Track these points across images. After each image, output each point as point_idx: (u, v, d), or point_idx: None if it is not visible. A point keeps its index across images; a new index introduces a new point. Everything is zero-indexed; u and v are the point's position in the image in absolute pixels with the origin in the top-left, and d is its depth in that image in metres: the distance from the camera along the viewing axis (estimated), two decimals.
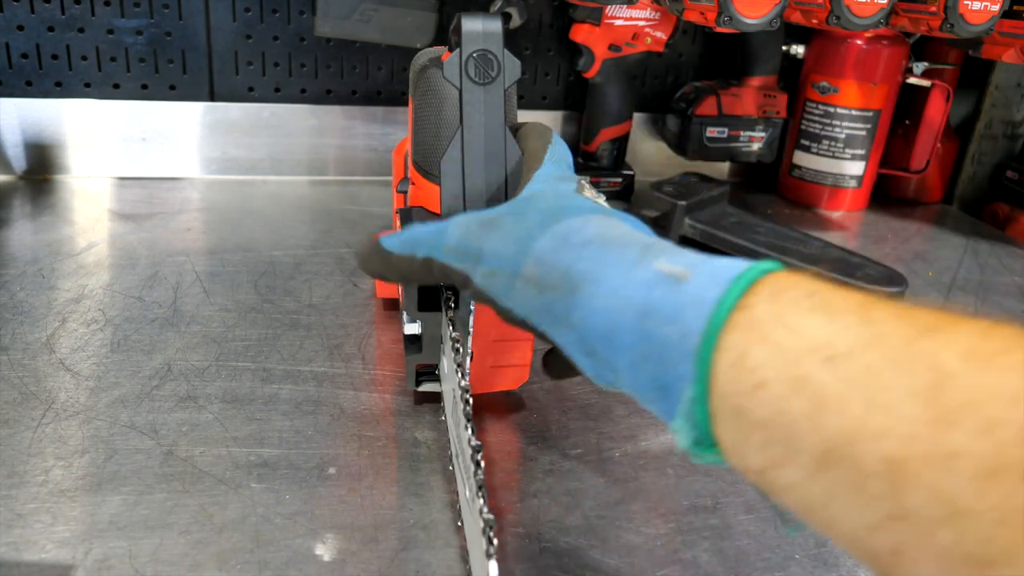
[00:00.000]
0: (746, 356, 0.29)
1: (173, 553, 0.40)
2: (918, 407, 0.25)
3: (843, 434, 0.26)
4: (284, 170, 0.96)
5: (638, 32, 0.90)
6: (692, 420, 0.30)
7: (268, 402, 0.53)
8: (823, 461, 0.27)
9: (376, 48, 0.94)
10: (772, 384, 0.28)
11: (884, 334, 0.27)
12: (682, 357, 0.30)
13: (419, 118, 0.50)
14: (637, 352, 0.32)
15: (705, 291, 0.30)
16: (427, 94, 0.49)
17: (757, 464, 0.29)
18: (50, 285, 0.66)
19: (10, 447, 0.47)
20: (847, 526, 0.27)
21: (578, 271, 0.35)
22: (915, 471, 0.25)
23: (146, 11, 0.88)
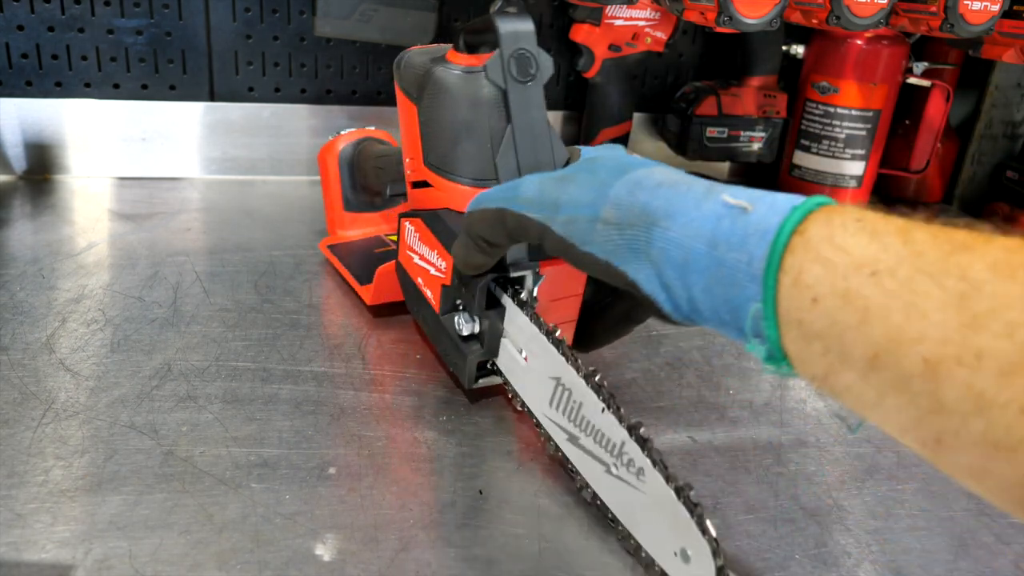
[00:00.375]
0: (803, 274, 0.33)
1: (173, 553, 0.40)
2: (950, 314, 0.29)
3: (887, 340, 0.30)
4: (284, 170, 0.96)
5: (638, 32, 0.90)
6: (762, 336, 0.34)
7: (268, 402, 0.53)
8: (872, 364, 0.31)
9: (376, 48, 0.94)
10: (825, 298, 0.32)
11: (922, 251, 0.31)
12: (750, 279, 0.34)
13: (432, 120, 0.50)
14: (709, 277, 0.36)
15: (767, 220, 0.34)
16: (445, 95, 0.49)
17: (819, 371, 0.33)
18: (50, 285, 0.66)
19: (10, 447, 0.47)
20: (897, 420, 0.31)
21: (654, 208, 0.38)
22: (948, 370, 0.29)
23: (146, 11, 0.88)
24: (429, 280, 0.52)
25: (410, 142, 0.53)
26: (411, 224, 0.54)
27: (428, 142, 0.51)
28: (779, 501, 0.47)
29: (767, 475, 0.50)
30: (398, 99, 0.55)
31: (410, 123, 0.53)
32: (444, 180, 0.51)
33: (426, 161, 0.52)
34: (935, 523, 0.47)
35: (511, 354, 0.49)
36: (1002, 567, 0.44)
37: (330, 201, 0.74)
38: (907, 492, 0.49)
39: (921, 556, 0.44)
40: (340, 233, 0.74)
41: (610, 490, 0.43)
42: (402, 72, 0.53)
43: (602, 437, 0.42)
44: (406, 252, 0.55)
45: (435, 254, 0.51)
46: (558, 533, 0.43)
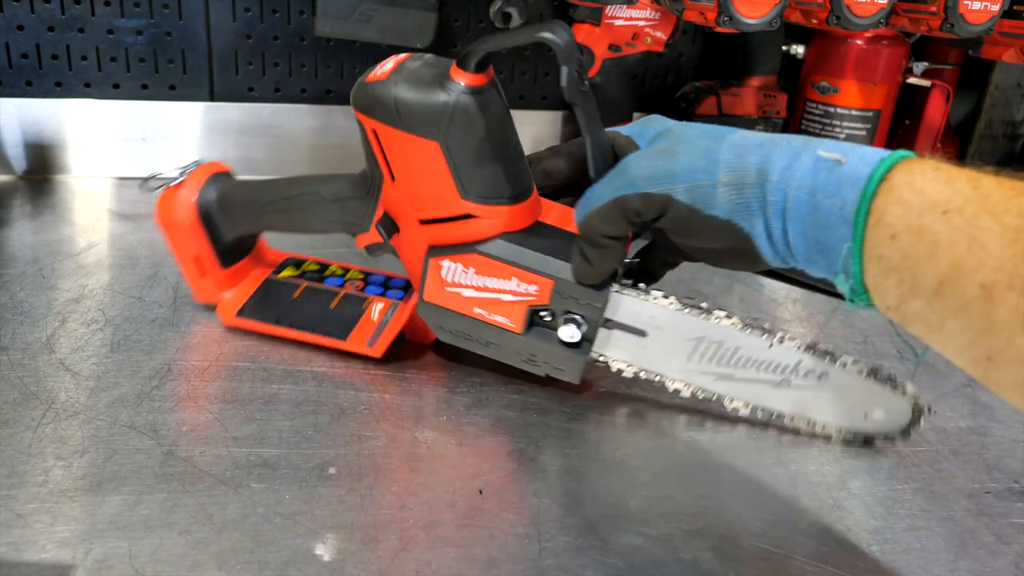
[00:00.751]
0: (885, 215, 0.38)
1: (173, 553, 0.40)
2: (1006, 245, 0.34)
3: (951, 269, 0.36)
4: (284, 170, 0.96)
5: (638, 32, 0.90)
6: (848, 271, 0.40)
7: (268, 402, 0.53)
8: (937, 292, 0.37)
9: (376, 48, 0.94)
10: (902, 235, 0.38)
11: (988, 194, 0.36)
12: (841, 222, 0.40)
13: (469, 151, 0.48)
14: (806, 222, 0.42)
15: (858, 170, 0.40)
16: (478, 123, 0.48)
17: (893, 301, 0.39)
18: (50, 285, 0.66)
19: (10, 447, 0.47)
20: (955, 342, 0.37)
21: (762, 167, 0.43)
22: (1001, 294, 0.34)
23: (146, 11, 0.88)
24: (501, 307, 0.51)
25: (430, 180, 0.50)
26: (457, 261, 0.51)
27: (466, 175, 0.49)
28: (779, 501, 0.47)
29: (767, 475, 0.50)
30: (397, 141, 0.50)
31: (429, 162, 0.49)
32: (492, 207, 0.50)
33: (466, 195, 0.49)
34: (935, 523, 0.47)
35: (619, 339, 0.52)
36: (1002, 567, 0.44)
37: (198, 265, 0.60)
38: (907, 492, 0.49)
39: (921, 556, 0.44)
40: (225, 296, 0.61)
41: (780, 399, 0.52)
42: (404, 114, 0.48)
43: (769, 365, 0.51)
44: (444, 290, 0.52)
45: (512, 281, 0.50)
46: (558, 533, 0.43)
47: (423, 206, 0.51)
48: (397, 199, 0.53)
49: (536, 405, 0.54)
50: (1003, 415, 0.58)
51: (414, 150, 0.49)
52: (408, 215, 0.53)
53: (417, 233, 0.53)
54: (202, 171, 0.59)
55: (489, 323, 0.52)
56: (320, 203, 0.57)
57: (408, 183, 0.51)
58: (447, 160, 0.48)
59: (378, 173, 0.53)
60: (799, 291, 0.76)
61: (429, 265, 0.52)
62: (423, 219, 0.52)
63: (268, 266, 0.64)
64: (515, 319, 0.52)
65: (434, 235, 0.52)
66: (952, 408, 0.58)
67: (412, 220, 0.53)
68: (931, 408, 0.51)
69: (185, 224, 0.58)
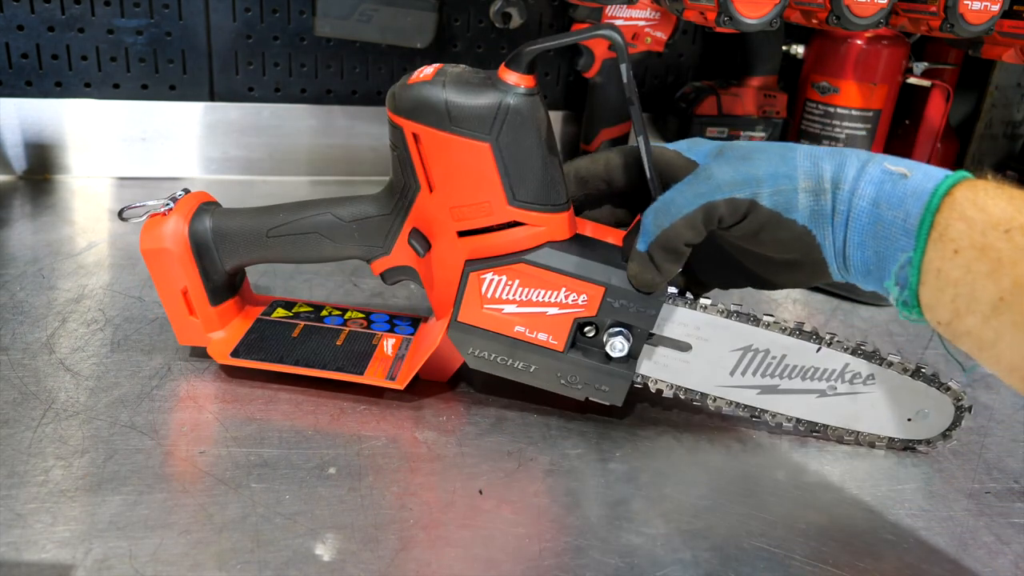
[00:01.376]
0: (948, 229, 0.40)
1: (173, 553, 0.40)
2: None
3: (1012, 285, 0.37)
4: (284, 170, 0.96)
5: (638, 32, 0.90)
6: (904, 283, 0.41)
7: (268, 402, 0.53)
8: (996, 308, 0.38)
9: (376, 48, 0.94)
10: (965, 250, 0.39)
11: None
12: (903, 233, 0.41)
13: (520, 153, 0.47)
14: (866, 233, 0.43)
15: (923, 184, 0.42)
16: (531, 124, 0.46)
17: (946, 316, 0.40)
18: (50, 285, 0.66)
19: (10, 447, 0.47)
20: (1009, 358, 0.38)
21: (833, 176, 0.44)
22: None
23: (146, 11, 0.88)
24: (545, 322, 0.50)
25: (477, 185, 0.48)
26: (501, 273, 0.49)
27: (516, 178, 0.47)
28: (779, 501, 0.47)
29: (767, 475, 0.50)
30: (442, 144, 0.47)
31: (478, 165, 0.47)
32: (540, 214, 0.48)
33: (514, 200, 0.48)
34: (935, 523, 0.47)
35: (661, 356, 0.51)
36: (1002, 567, 0.44)
37: (186, 302, 0.55)
38: (907, 492, 0.49)
39: (921, 556, 0.44)
40: (214, 336, 0.56)
41: (824, 409, 0.52)
42: (454, 113, 0.46)
43: (815, 371, 0.51)
44: (482, 308, 0.50)
45: (560, 292, 0.49)
46: (558, 533, 0.43)
47: (465, 215, 0.49)
48: (433, 211, 0.50)
49: (536, 405, 0.54)
50: (1003, 415, 0.58)
51: (461, 153, 0.47)
52: (444, 228, 0.50)
53: (452, 248, 0.50)
54: (192, 199, 0.55)
55: (530, 342, 0.50)
56: (335, 226, 0.53)
57: (449, 191, 0.49)
58: (497, 162, 0.47)
59: (412, 184, 0.50)
60: (798, 292, 0.76)
61: (468, 281, 0.49)
62: (463, 230, 0.49)
63: (254, 308, 0.60)
64: (559, 335, 0.50)
65: (473, 247, 0.49)
66: None
67: (448, 234, 0.50)
68: (971, 408, 0.51)
69: (175, 254, 0.53)
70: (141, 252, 0.54)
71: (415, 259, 0.53)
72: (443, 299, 0.52)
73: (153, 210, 0.54)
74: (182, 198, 0.55)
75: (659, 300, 0.48)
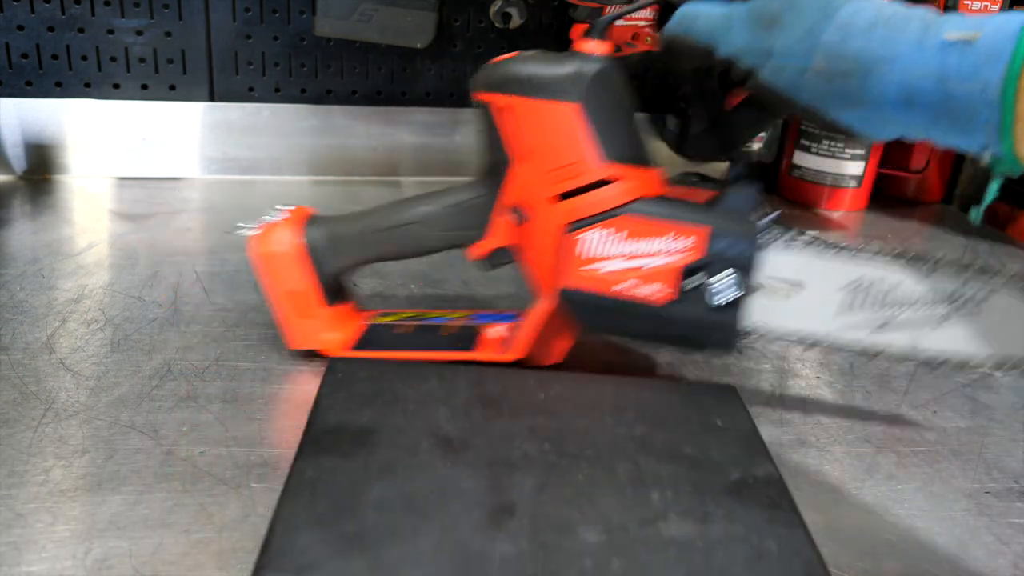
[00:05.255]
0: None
1: (173, 553, 0.40)
2: None
3: None
4: (284, 170, 0.96)
5: (638, 32, 0.90)
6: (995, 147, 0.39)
7: (268, 402, 0.53)
8: None
9: (376, 48, 0.94)
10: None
11: None
12: (984, 105, 0.38)
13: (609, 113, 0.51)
14: (937, 110, 0.40)
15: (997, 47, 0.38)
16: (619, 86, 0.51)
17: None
18: (50, 285, 0.66)
19: (10, 447, 0.47)
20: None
21: (870, 55, 0.41)
22: None
23: (146, 11, 0.88)
24: (648, 275, 0.49)
25: (568, 146, 0.50)
26: (606, 227, 0.49)
27: (606, 136, 0.50)
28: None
29: None
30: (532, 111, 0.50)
31: (569, 126, 0.50)
32: (633, 168, 0.51)
33: (605, 157, 0.50)
34: (935, 523, 0.47)
35: (768, 301, 0.50)
36: (1002, 567, 0.44)
37: (299, 304, 0.56)
38: (907, 492, 0.49)
39: (921, 556, 0.44)
40: (327, 337, 0.57)
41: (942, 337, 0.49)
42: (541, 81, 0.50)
43: (927, 299, 0.48)
44: (582, 270, 0.50)
45: (666, 238, 0.49)
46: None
47: (560, 178, 0.50)
48: (526, 181, 0.52)
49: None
50: (1003, 415, 0.58)
51: (552, 116, 0.50)
52: (538, 197, 0.51)
53: (549, 215, 0.51)
54: (301, 211, 0.58)
55: (633, 298, 0.50)
56: (433, 215, 0.55)
57: (543, 156, 0.51)
58: (588, 121, 0.49)
59: (502, 159, 0.52)
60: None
61: (568, 243, 0.50)
62: (561, 193, 0.51)
63: (363, 313, 0.61)
64: (668, 284, 0.49)
65: (569, 210, 0.50)
66: (952, 408, 0.58)
67: (542, 202, 0.51)
68: None
69: (290, 257, 0.55)
70: (254, 258, 0.56)
71: (512, 237, 0.54)
72: (543, 271, 0.53)
73: (265, 221, 0.57)
74: (293, 209, 0.58)
75: (764, 235, 0.49)
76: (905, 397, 0.59)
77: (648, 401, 0.48)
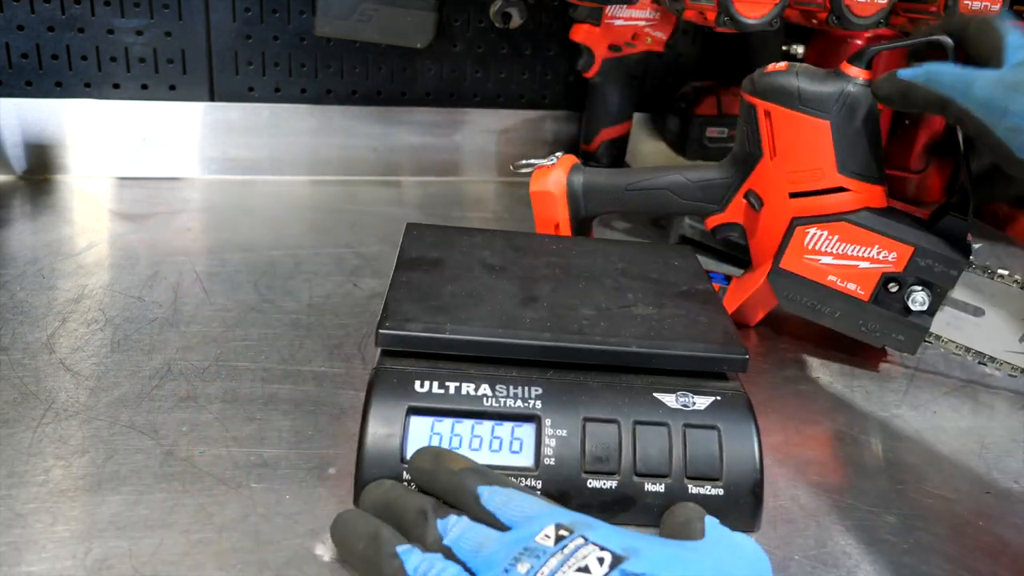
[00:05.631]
0: None
1: (173, 553, 0.40)
2: None
3: None
4: (284, 170, 0.96)
5: (638, 32, 0.90)
6: None
7: (268, 402, 0.53)
8: None
9: (376, 48, 0.94)
10: None
11: None
12: None
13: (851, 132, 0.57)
14: None
15: None
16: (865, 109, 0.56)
17: None
18: (50, 285, 0.66)
19: (10, 447, 0.47)
20: None
21: None
22: None
23: (146, 11, 0.88)
24: (856, 274, 0.58)
25: (812, 154, 0.58)
26: (824, 229, 0.58)
27: (846, 151, 0.57)
28: (779, 501, 0.47)
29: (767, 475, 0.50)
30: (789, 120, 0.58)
31: (816, 138, 0.57)
32: (862, 183, 0.57)
33: (843, 169, 0.57)
34: (935, 523, 0.47)
35: (953, 317, 0.58)
36: (1002, 567, 0.44)
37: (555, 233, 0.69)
38: (907, 492, 0.49)
39: (921, 556, 0.44)
40: None
41: None
42: (803, 96, 0.57)
43: None
44: (803, 258, 0.59)
45: (873, 249, 0.57)
46: None
47: (799, 179, 0.59)
48: (772, 175, 0.60)
49: None
50: (1003, 415, 0.58)
51: (805, 127, 0.57)
52: (777, 189, 0.60)
53: (783, 206, 0.60)
54: (569, 158, 0.69)
55: (839, 290, 0.59)
56: (683, 186, 0.65)
57: (789, 158, 0.59)
58: (833, 137, 0.57)
59: (756, 153, 0.60)
60: None
61: (795, 233, 0.59)
62: (795, 191, 0.59)
63: None
64: (866, 286, 0.58)
65: (801, 207, 0.59)
66: (952, 408, 0.58)
67: (780, 194, 0.59)
68: None
69: (555, 197, 0.67)
70: (530, 193, 0.68)
71: (745, 216, 0.63)
72: (765, 250, 0.62)
73: (540, 164, 0.69)
74: (562, 156, 0.69)
75: (962, 264, 0.56)
76: (905, 397, 0.59)
77: (628, 251, 0.60)
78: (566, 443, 0.43)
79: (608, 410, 0.44)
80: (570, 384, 0.45)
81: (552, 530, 0.34)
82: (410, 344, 0.45)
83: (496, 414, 0.43)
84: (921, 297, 0.57)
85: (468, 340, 0.45)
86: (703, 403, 0.45)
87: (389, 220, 0.82)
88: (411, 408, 0.43)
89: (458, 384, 0.44)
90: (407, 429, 0.43)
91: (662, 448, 0.43)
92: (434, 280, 0.51)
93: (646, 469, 0.43)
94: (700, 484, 0.43)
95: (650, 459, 0.43)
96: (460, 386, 0.44)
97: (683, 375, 0.46)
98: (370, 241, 0.79)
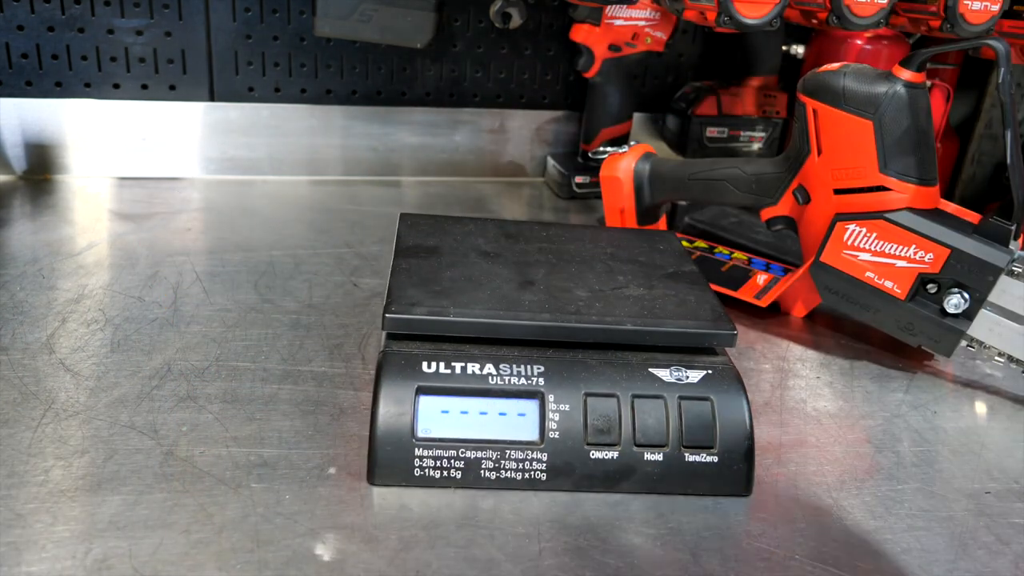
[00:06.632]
0: None
1: (173, 553, 0.40)
2: None
3: None
4: (284, 170, 0.96)
5: (638, 32, 0.90)
6: None
7: (268, 402, 0.53)
8: None
9: (376, 48, 0.94)
10: None
11: None
12: None
13: (896, 132, 0.57)
14: None
15: None
16: (910, 110, 0.57)
17: None
18: (50, 285, 0.66)
19: (10, 447, 0.47)
20: None
21: None
22: None
23: (146, 11, 0.88)
24: (893, 273, 0.60)
25: (855, 153, 0.59)
26: (863, 226, 0.60)
27: (888, 151, 0.58)
28: (779, 501, 0.47)
29: (767, 475, 0.50)
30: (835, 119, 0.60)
31: (860, 137, 0.58)
32: (903, 183, 0.58)
33: (884, 168, 0.58)
34: (935, 523, 0.47)
35: (992, 320, 0.58)
36: (1002, 567, 0.44)
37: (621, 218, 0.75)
38: (907, 492, 0.49)
39: (921, 556, 0.44)
40: None
41: None
42: (848, 96, 0.58)
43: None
44: (842, 253, 0.61)
45: (910, 248, 0.58)
46: (558, 533, 0.43)
47: (842, 177, 0.60)
48: (818, 172, 0.62)
49: None
50: (1003, 415, 0.58)
51: (849, 127, 0.59)
52: (823, 186, 0.61)
53: (827, 202, 0.61)
54: (640, 147, 0.74)
55: (876, 287, 0.60)
56: (740, 178, 0.67)
57: (834, 156, 0.60)
58: (876, 137, 0.58)
59: (806, 149, 0.62)
60: None
61: (835, 229, 0.61)
62: (838, 188, 0.60)
63: None
64: (903, 285, 0.59)
65: (844, 203, 0.60)
66: (952, 408, 0.58)
67: (826, 191, 0.61)
68: None
69: (622, 182, 0.73)
70: (600, 178, 0.74)
71: (795, 209, 0.65)
72: (811, 243, 0.64)
73: (614, 151, 0.75)
74: (634, 145, 0.75)
75: (998, 269, 0.56)
76: (905, 397, 0.59)
77: (616, 236, 0.63)
78: (569, 417, 0.46)
79: (607, 385, 0.46)
80: (570, 362, 0.47)
81: None
82: (416, 327, 0.47)
83: (501, 391, 0.46)
84: (957, 300, 0.57)
85: (471, 322, 0.47)
86: (696, 376, 0.47)
87: (389, 220, 0.82)
88: (420, 388, 0.45)
89: (464, 364, 0.46)
90: (417, 407, 0.45)
91: (659, 419, 0.46)
92: (433, 267, 0.54)
93: (645, 440, 0.46)
94: (696, 452, 0.46)
95: (648, 430, 0.46)
96: (466, 366, 0.46)
97: (676, 351, 0.49)
98: (370, 241, 0.79)
